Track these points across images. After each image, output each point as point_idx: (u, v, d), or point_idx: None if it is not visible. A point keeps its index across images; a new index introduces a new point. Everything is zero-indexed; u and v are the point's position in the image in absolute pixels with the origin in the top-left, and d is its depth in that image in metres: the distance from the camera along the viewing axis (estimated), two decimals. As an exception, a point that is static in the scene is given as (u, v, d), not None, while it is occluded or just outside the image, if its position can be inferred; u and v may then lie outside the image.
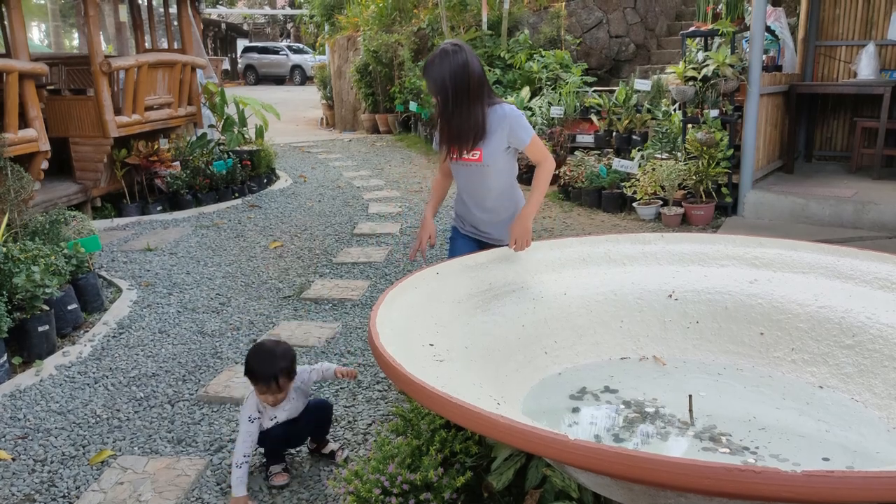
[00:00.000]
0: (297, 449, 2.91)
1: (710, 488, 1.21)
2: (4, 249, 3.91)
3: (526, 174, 5.99)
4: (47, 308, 3.91)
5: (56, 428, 3.18)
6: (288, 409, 2.72)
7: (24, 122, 5.91)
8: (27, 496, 2.69)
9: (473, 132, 2.82)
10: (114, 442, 3.05)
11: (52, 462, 2.91)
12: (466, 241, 3.15)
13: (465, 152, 2.89)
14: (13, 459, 2.93)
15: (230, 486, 2.62)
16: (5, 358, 3.63)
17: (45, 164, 6.14)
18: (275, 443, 2.73)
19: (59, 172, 6.86)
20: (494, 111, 2.85)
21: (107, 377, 3.67)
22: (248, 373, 2.62)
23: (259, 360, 2.59)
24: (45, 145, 6.08)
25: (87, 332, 4.24)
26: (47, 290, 3.88)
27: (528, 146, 2.89)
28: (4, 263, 3.81)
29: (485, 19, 11.14)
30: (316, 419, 2.83)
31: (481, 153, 2.87)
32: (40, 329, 3.84)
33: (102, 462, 2.89)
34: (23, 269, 3.82)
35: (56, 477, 2.80)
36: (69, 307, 4.19)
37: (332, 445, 2.90)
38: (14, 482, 2.76)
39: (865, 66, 6.78)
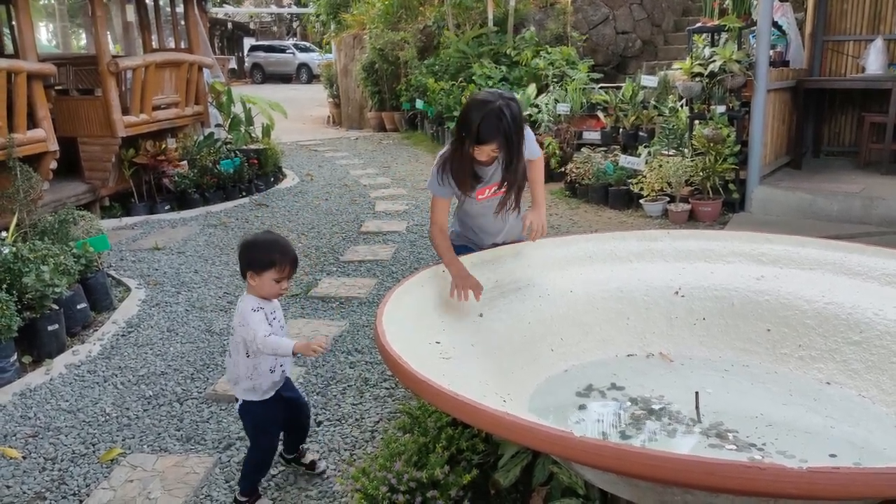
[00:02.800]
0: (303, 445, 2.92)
1: (714, 485, 1.21)
2: (14, 249, 3.94)
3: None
4: (57, 307, 3.94)
5: (66, 426, 3.20)
6: (284, 335, 2.41)
7: (32, 123, 5.95)
8: (38, 494, 2.71)
9: (523, 178, 2.68)
10: (123, 440, 3.07)
11: (62, 460, 2.93)
12: (465, 248, 3.11)
13: (490, 190, 2.75)
14: (24, 458, 2.96)
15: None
16: (15, 357, 3.66)
17: (53, 164, 6.17)
18: (274, 421, 2.51)
19: (68, 172, 6.90)
20: None
21: (116, 376, 3.70)
22: (266, 261, 2.30)
23: (277, 244, 2.33)
24: (54, 145, 6.12)
25: (97, 330, 4.26)
26: (57, 290, 3.91)
27: (537, 159, 2.81)
28: (14, 263, 3.83)
29: (490, 16, 11.13)
30: (297, 402, 2.63)
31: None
32: (50, 328, 3.87)
33: (112, 460, 2.91)
34: (32, 268, 3.85)
35: (66, 475, 2.82)
36: (78, 306, 4.22)
37: (312, 456, 2.77)
38: (25, 480, 2.79)
39: (873, 61, 6.73)
